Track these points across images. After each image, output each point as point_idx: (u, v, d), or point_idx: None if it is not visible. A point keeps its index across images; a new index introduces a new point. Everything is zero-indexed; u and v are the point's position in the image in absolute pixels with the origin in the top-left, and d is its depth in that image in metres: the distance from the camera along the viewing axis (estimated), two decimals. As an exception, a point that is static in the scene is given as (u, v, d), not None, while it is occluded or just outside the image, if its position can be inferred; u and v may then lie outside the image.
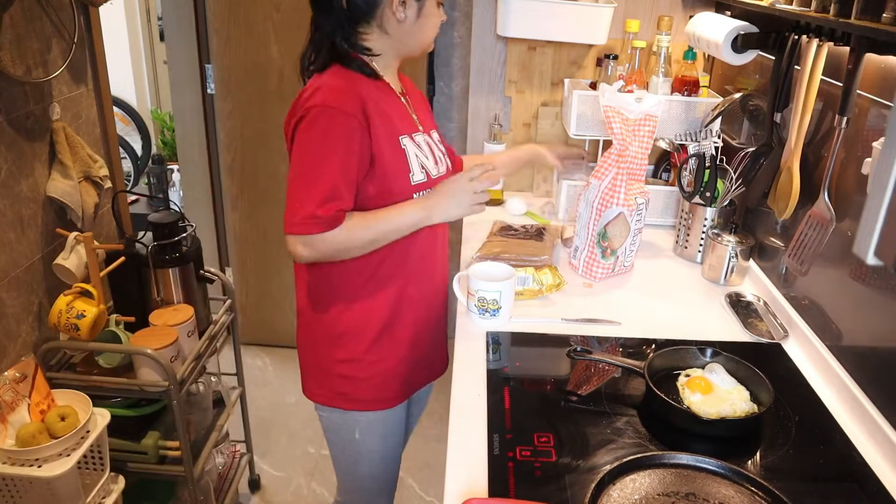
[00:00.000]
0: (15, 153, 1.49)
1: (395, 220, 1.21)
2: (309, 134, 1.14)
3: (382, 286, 1.27)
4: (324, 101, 1.13)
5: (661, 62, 1.76)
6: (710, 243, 1.59)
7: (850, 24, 1.04)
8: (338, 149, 1.14)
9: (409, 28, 1.20)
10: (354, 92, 1.15)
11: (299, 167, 1.16)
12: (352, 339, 1.28)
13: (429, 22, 1.21)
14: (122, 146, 3.68)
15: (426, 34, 1.23)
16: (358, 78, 1.20)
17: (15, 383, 1.44)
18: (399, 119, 1.24)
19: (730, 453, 1.02)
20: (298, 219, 1.14)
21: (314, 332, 1.32)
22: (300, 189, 1.15)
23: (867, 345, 1.18)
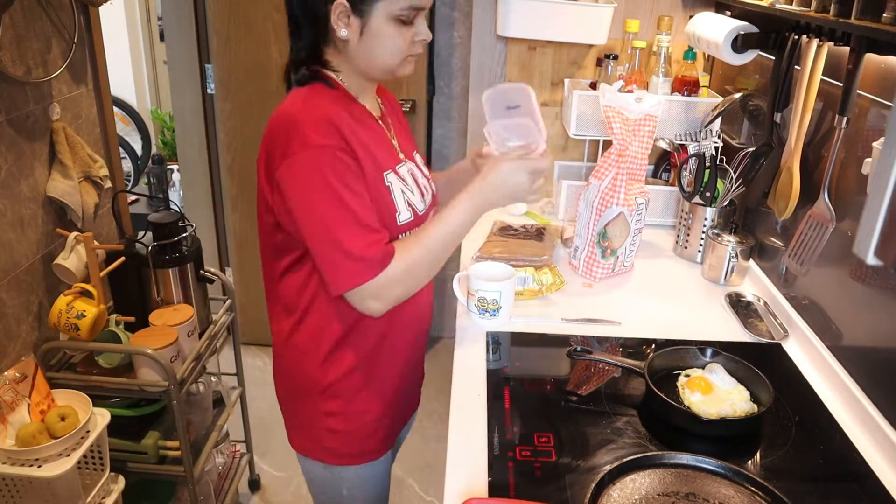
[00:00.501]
0: (15, 153, 1.49)
1: (449, 225, 1.07)
2: (309, 181, 0.99)
3: (368, 334, 1.15)
4: (310, 141, 0.99)
5: (661, 62, 1.76)
6: (710, 243, 1.59)
7: (850, 24, 1.04)
8: (347, 183, 1.00)
9: (353, 48, 1.05)
10: (334, 123, 1.01)
11: (315, 218, 1.00)
12: (339, 391, 1.17)
13: (380, 43, 1.04)
14: (122, 146, 3.69)
15: (380, 56, 1.05)
16: (335, 98, 1.07)
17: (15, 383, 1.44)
18: (381, 151, 1.10)
19: (730, 453, 1.02)
20: (347, 273, 1.00)
21: (299, 381, 1.20)
22: (330, 241, 1.00)
23: (867, 345, 1.18)
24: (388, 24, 1.02)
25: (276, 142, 1.02)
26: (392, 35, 1.03)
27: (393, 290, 1.04)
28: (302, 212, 1.01)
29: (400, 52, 1.05)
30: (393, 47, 1.04)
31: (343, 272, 1.01)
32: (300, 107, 1.03)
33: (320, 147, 0.99)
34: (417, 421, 1.57)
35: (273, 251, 1.14)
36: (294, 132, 0.99)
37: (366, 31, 1.03)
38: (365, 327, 1.14)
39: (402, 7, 1.01)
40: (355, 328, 1.14)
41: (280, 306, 1.18)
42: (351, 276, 1.01)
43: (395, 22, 1.02)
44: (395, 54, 1.05)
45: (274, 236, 1.11)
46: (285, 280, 1.14)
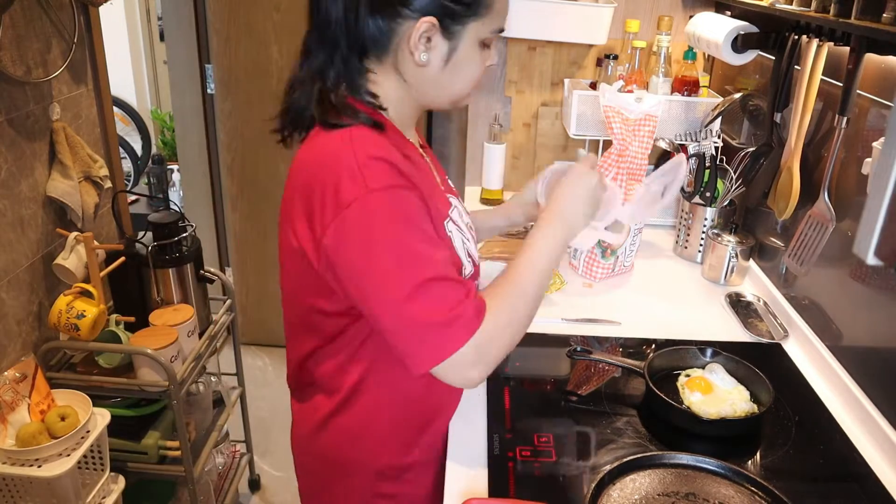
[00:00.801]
0: (15, 153, 1.49)
1: (541, 256, 0.91)
2: (371, 234, 0.79)
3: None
4: (371, 185, 0.79)
5: (661, 62, 1.76)
6: (710, 243, 1.59)
7: (850, 24, 1.04)
8: (423, 229, 0.83)
9: (432, 76, 0.88)
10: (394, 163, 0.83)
11: (381, 280, 0.80)
12: (399, 471, 1.01)
13: (464, 70, 0.89)
14: (122, 146, 3.68)
15: (458, 84, 0.90)
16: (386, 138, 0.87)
17: (15, 383, 1.44)
18: (434, 195, 0.93)
19: (730, 453, 1.02)
20: (434, 343, 0.80)
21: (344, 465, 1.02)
22: (406, 308, 0.80)
23: (867, 345, 1.18)
24: (475, 47, 0.88)
25: (319, 192, 0.82)
26: (476, 60, 0.89)
27: (493, 350, 0.84)
28: (364, 275, 0.81)
29: (475, 80, 0.92)
30: (473, 74, 0.90)
31: (429, 344, 0.80)
32: (347, 146, 0.82)
33: (384, 189, 0.79)
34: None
35: (306, 324, 0.95)
36: (346, 177, 0.79)
37: (453, 56, 0.87)
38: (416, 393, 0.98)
39: (492, 29, 0.88)
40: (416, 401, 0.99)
41: (313, 386, 1.00)
42: (441, 347, 0.80)
43: (480, 46, 0.89)
44: (472, 81, 0.92)
45: (313, 307, 0.92)
46: (321, 359, 0.97)
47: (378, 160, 0.81)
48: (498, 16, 0.88)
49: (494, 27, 0.88)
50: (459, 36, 0.86)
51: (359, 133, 0.84)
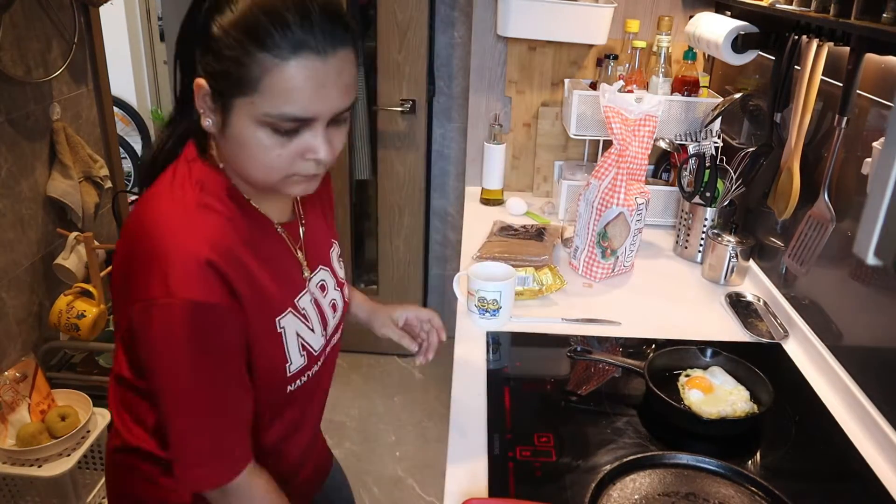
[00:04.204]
0: (15, 153, 1.49)
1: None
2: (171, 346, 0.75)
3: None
4: (177, 292, 0.73)
5: (661, 62, 1.76)
6: (710, 243, 1.59)
7: (850, 24, 1.04)
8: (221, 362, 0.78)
9: (223, 146, 0.80)
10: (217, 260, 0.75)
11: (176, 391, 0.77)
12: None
13: (245, 150, 0.76)
14: (122, 146, 3.68)
15: (247, 167, 0.78)
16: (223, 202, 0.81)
17: (15, 383, 1.44)
18: (278, 281, 0.85)
19: (730, 453, 1.03)
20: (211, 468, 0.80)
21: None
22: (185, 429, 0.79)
23: (867, 345, 1.18)
24: (256, 128, 0.74)
25: (132, 265, 0.78)
26: (261, 144, 0.75)
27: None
28: (160, 376, 0.77)
29: (274, 168, 0.77)
30: (263, 160, 0.76)
31: (205, 467, 0.80)
32: (172, 222, 0.77)
33: (192, 305, 0.73)
34: (417, 420, 1.57)
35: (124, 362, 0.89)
36: (156, 268, 0.74)
37: (227, 129, 0.76)
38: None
39: (266, 113, 0.73)
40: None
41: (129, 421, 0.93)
42: (214, 474, 0.80)
43: (264, 127, 0.74)
44: (267, 169, 0.77)
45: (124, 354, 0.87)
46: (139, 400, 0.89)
47: (198, 256, 0.74)
48: (275, 98, 0.72)
49: (272, 111, 0.72)
50: (229, 108, 0.75)
51: (189, 193, 0.79)
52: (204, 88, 0.76)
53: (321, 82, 0.73)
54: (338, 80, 0.75)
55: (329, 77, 0.74)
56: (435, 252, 2.87)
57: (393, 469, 2.28)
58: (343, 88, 0.76)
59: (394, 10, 2.39)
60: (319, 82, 0.73)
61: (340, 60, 0.74)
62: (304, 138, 0.76)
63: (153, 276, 0.74)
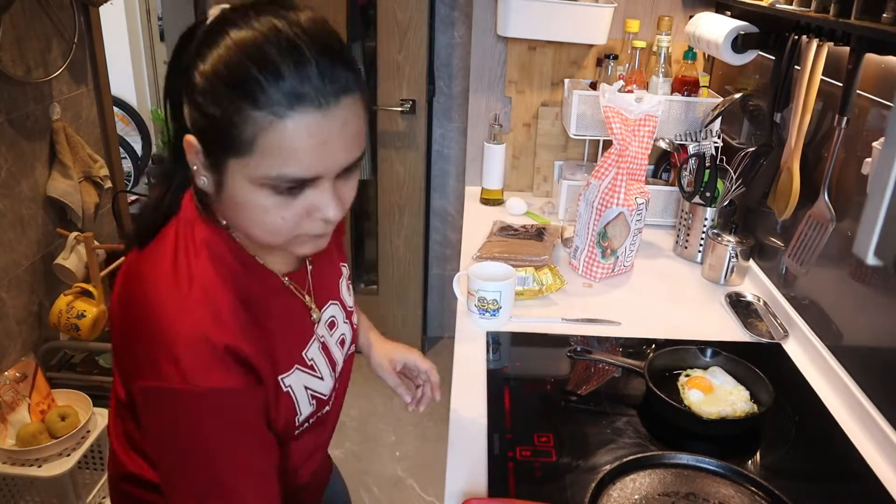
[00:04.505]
0: (15, 153, 1.49)
1: None
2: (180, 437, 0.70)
3: None
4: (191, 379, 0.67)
5: (661, 62, 1.76)
6: (710, 243, 1.59)
7: (850, 24, 1.04)
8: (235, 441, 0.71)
9: (220, 206, 0.74)
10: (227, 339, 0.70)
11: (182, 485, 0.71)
12: None
13: (245, 212, 0.70)
14: (122, 146, 3.68)
15: (250, 228, 0.72)
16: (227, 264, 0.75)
17: (15, 383, 1.44)
18: (285, 339, 0.81)
19: (730, 453, 1.03)
20: None
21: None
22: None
23: (867, 345, 1.18)
24: (254, 190, 0.67)
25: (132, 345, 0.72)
26: (261, 206, 0.68)
27: None
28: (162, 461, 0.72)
29: (278, 231, 0.71)
30: (265, 222, 0.70)
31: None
32: (174, 293, 0.70)
33: (206, 392, 0.67)
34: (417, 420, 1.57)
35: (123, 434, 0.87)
36: (162, 349, 0.67)
37: (223, 191, 0.70)
38: None
39: (265, 175, 0.66)
40: None
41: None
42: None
43: (264, 189, 0.67)
44: (270, 232, 0.71)
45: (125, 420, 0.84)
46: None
47: (207, 335, 0.68)
48: (273, 160, 0.64)
49: (271, 173, 0.65)
50: (223, 169, 0.68)
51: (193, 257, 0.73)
52: (194, 146, 0.69)
53: (324, 139, 0.65)
54: (343, 132, 0.66)
55: (333, 132, 0.65)
56: (435, 252, 2.87)
57: (393, 469, 2.28)
58: (349, 141, 0.68)
59: (394, 10, 2.39)
60: (322, 139, 0.65)
61: (345, 110, 0.66)
62: (310, 196, 0.69)
63: (158, 355, 0.67)
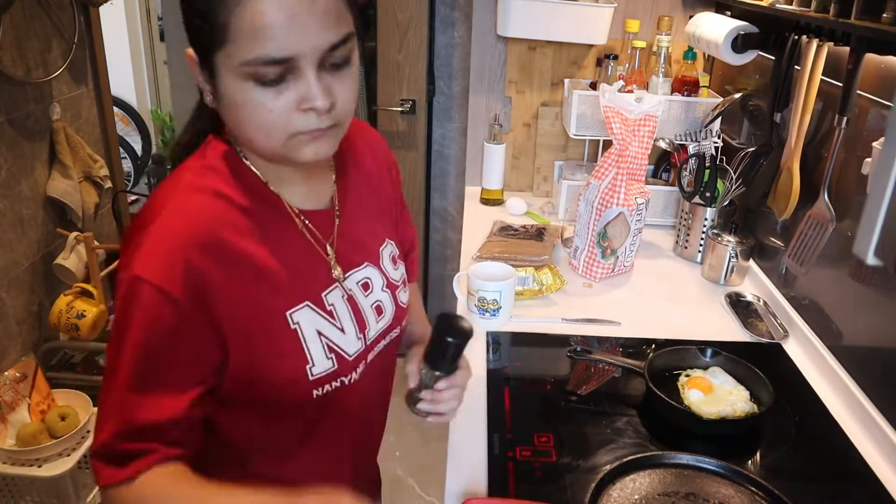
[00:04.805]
0: (15, 153, 1.49)
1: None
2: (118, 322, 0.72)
3: None
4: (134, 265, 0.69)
5: (661, 62, 1.76)
6: (710, 243, 1.59)
7: (850, 24, 1.04)
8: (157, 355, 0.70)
9: (226, 118, 0.75)
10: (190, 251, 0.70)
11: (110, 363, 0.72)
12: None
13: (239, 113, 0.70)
14: (122, 146, 3.68)
15: (247, 133, 0.72)
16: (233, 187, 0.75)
17: (15, 383, 1.44)
18: (294, 273, 0.77)
19: (730, 453, 1.02)
20: (97, 443, 0.72)
21: None
22: (105, 398, 0.72)
23: (867, 345, 1.18)
24: (241, 84, 0.68)
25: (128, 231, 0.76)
26: (251, 102, 0.68)
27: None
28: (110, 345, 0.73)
29: (272, 128, 0.70)
30: (258, 120, 0.69)
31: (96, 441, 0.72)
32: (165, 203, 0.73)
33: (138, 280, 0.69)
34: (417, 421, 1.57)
35: None
36: (133, 237, 0.72)
37: (219, 97, 0.72)
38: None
39: (243, 62, 0.66)
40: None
41: None
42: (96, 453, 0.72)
43: (248, 81, 0.67)
44: (265, 131, 0.70)
45: None
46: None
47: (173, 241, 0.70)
48: (247, 42, 0.65)
49: (248, 56, 0.65)
50: (214, 71, 0.70)
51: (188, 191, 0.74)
52: (193, 58, 0.72)
53: (293, 11, 0.64)
54: (313, 6, 0.65)
55: (302, 5, 0.65)
56: (435, 252, 2.87)
57: (393, 469, 2.28)
58: (322, 17, 0.66)
59: (394, 10, 2.39)
60: (291, 12, 0.64)
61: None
62: (293, 86, 0.68)
63: (127, 245, 0.72)
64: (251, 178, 0.78)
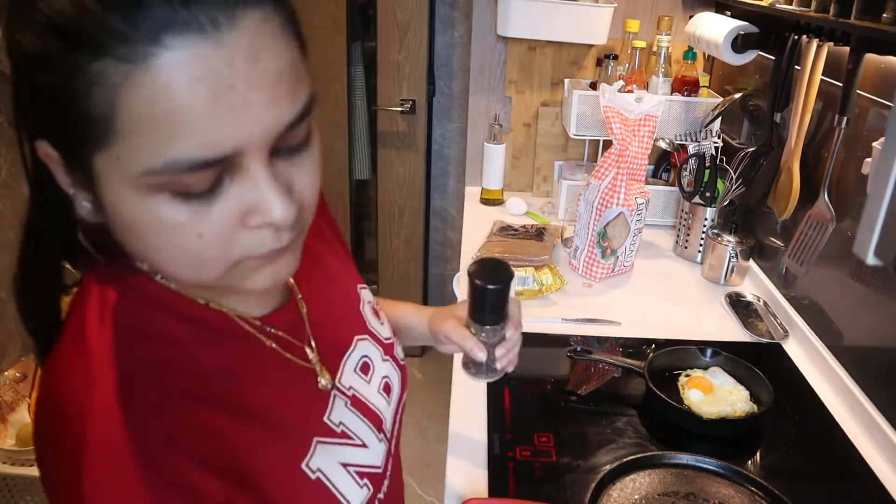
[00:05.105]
0: (15, 153, 1.49)
1: None
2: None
3: None
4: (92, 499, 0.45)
5: (661, 62, 1.76)
6: (710, 243, 1.59)
7: (850, 24, 1.04)
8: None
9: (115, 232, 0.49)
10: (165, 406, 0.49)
11: None
12: None
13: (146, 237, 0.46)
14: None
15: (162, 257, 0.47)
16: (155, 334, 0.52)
17: (15, 383, 1.44)
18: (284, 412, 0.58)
19: (730, 453, 1.03)
20: None
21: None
22: None
23: (867, 345, 1.18)
24: (142, 199, 0.44)
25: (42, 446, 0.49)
26: (162, 222, 0.44)
27: None
28: None
29: (205, 260, 0.47)
30: (177, 246, 0.46)
31: None
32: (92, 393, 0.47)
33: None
34: (417, 421, 1.57)
35: None
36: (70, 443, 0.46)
37: (107, 212, 0.47)
38: None
39: (147, 170, 0.42)
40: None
41: None
42: None
43: (156, 194, 0.43)
44: (192, 264, 0.47)
45: None
46: None
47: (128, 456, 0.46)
48: (150, 138, 0.41)
49: (154, 164, 0.41)
50: (97, 178, 0.44)
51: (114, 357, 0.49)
52: (52, 155, 0.46)
53: (226, 83, 0.41)
54: (255, 72, 0.42)
55: (238, 72, 0.41)
56: (435, 252, 2.87)
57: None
58: (271, 86, 0.43)
59: (394, 10, 2.39)
60: (222, 84, 0.40)
61: (252, 35, 0.41)
62: (235, 193, 0.45)
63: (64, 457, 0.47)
64: (185, 306, 0.53)
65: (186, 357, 0.52)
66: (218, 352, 0.55)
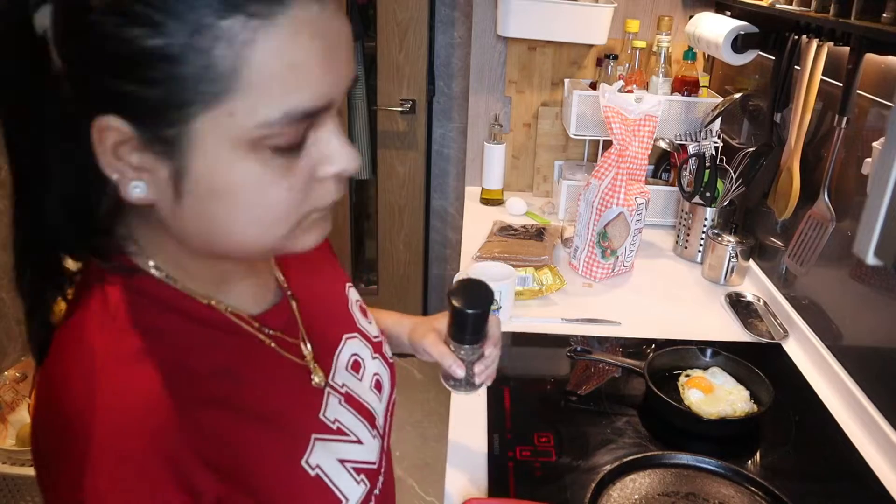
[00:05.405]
0: (15, 153, 1.49)
1: None
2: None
3: None
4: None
5: (661, 62, 1.76)
6: (710, 243, 1.59)
7: (850, 24, 1.04)
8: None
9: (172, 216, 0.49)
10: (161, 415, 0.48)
11: None
12: None
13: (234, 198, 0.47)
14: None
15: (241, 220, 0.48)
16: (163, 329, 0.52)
17: (15, 383, 1.45)
18: (281, 409, 0.58)
19: (730, 453, 1.02)
20: None
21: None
22: None
23: (867, 345, 1.18)
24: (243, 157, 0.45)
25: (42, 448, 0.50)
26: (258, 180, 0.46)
27: None
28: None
29: (284, 214, 0.49)
30: (268, 202, 0.48)
31: None
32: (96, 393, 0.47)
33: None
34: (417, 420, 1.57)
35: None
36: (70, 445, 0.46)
37: (188, 183, 0.46)
38: None
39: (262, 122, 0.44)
40: None
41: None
42: None
43: (258, 152, 0.46)
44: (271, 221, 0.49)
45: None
46: None
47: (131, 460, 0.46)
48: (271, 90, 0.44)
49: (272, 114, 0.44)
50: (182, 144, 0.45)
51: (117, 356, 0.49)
52: (117, 133, 0.44)
53: (333, 40, 0.46)
54: (342, 29, 0.48)
55: (343, 32, 0.47)
56: (435, 252, 2.87)
57: (393, 468, 2.28)
58: (348, 43, 0.49)
59: (394, 10, 2.39)
60: (331, 40, 0.46)
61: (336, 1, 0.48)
62: (313, 146, 0.48)
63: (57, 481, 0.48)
64: (185, 304, 0.54)
65: (188, 356, 0.52)
66: (219, 351, 0.55)
